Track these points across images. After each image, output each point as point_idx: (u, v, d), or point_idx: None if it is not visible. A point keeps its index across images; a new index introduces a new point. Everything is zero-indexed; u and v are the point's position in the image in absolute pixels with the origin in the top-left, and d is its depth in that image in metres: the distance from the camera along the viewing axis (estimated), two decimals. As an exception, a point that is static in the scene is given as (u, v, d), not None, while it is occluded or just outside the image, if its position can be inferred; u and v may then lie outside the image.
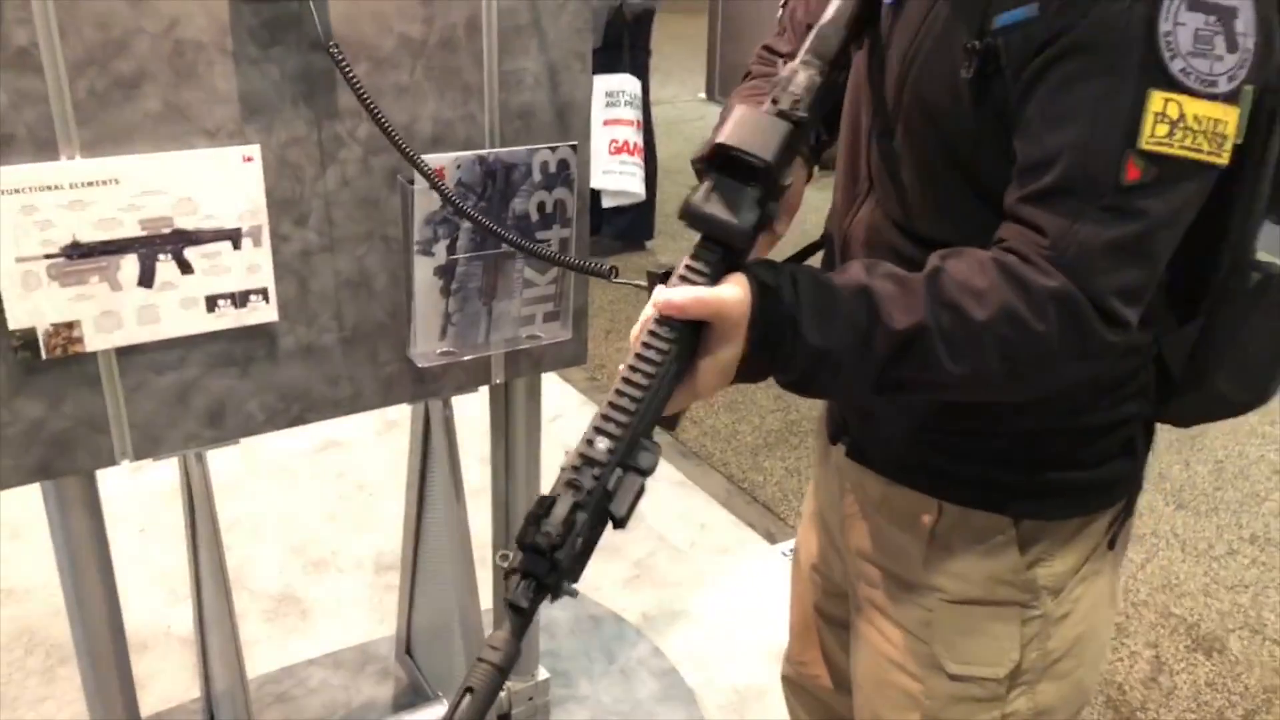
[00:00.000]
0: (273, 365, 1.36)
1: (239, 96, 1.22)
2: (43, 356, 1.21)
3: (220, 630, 1.52)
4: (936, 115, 0.91)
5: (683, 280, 0.82)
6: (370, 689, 1.95)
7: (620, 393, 0.79)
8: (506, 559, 0.75)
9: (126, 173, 1.19)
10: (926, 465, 1.04)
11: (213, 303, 1.29)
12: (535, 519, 0.75)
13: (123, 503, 2.44)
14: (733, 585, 2.38)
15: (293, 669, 1.99)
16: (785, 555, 2.53)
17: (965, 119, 0.88)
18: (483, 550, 1.75)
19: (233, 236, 1.27)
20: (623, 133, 3.35)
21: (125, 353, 1.26)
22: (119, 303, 1.23)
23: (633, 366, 0.80)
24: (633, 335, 0.83)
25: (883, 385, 0.86)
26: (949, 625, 1.05)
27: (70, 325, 1.21)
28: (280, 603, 2.30)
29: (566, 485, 0.76)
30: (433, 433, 1.64)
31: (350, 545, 2.52)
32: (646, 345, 0.80)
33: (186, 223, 1.24)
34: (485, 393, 1.63)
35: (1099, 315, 0.82)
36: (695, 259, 0.83)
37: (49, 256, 1.18)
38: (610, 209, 3.49)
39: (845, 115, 1.07)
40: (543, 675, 1.91)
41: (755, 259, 0.86)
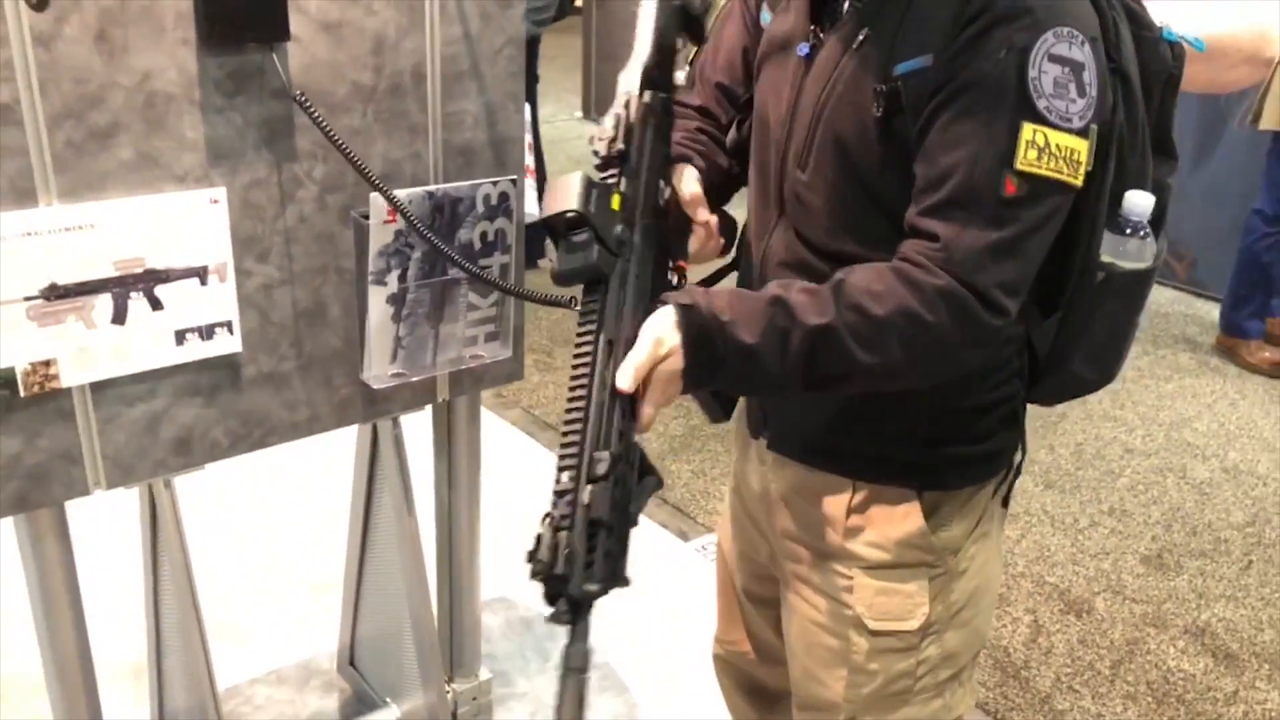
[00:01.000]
0: (236, 393, 1.44)
1: (206, 143, 1.30)
2: (20, 394, 1.26)
3: (185, 652, 1.57)
4: (846, 148, 1.08)
5: (582, 317, 1.02)
6: (316, 701, 2.02)
7: (565, 431, 0.97)
8: (546, 597, 0.92)
9: (101, 218, 1.25)
10: (839, 450, 1.20)
11: (181, 336, 1.36)
12: (530, 555, 0.90)
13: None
14: (652, 581, 2.53)
15: (237, 688, 2.04)
16: (698, 551, 2.69)
17: (872, 151, 1.06)
18: (429, 560, 1.84)
19: (200, 273, 1.35)
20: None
21: (98, 387, 1.32)
22: (94, 340, 1.29)
23: (568, 408, 0.98)
24: None
25: (809, 381, 1.02)
26: (868, 588, 1.21)
27: (47, 363, 1.27)
28: (218, 626, 2.32)
29: (544, 519, 0.93)
30: (381, 450, 1.73)
31: (283, 569, 2.56)
32: (572, 398, 0.99)
33: (157, 262, 1.31)
34: (425, 412, 1.73)
35: (983, 306, 1.00)
36: (584, 305, 1.04)
37: (28, 299, 1.24)
38: None
39: (754, 154, 1.23)
40: (484, 676, 2.02)
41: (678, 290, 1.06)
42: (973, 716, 2.23)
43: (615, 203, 1.06)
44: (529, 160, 3.57)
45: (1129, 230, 1.06)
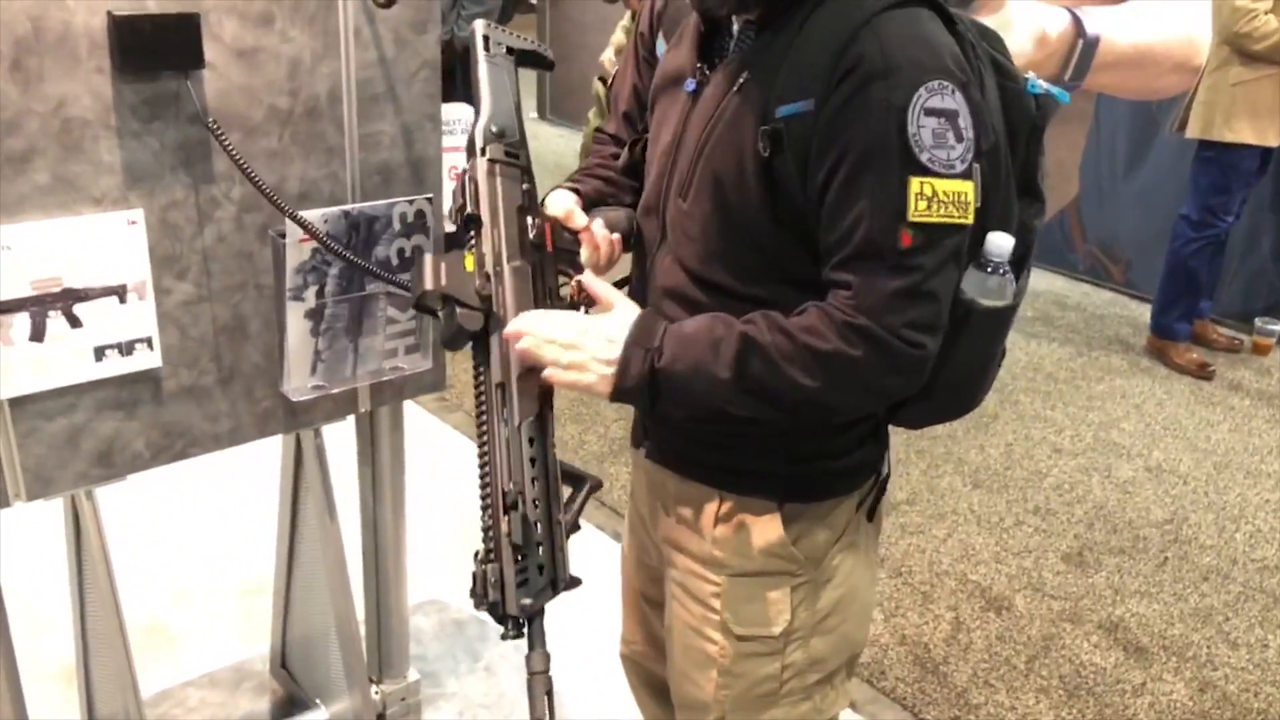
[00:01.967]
0: (158, 406, 1.48)
1: (123, 167, 1.35)
2: (-61, 410, 1.30)
3: (111, 658, 1.61)
4: (723, 184, 1.15)
5: (475, 369, 1.14)
6: (248, 703, 2.06)
7: (480, 477, 1.08)
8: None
9: (18, 240, 1.29)
10: (707, 462, 1.27)
11: (100, 352, 1.40)
12: (470, 591, 1.04)
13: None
14: (586, 582, 2.58)
15: (169, 692, 2.07)
16: (632, 552, 2.76)
17: (748, 188, 1.13)
18: (353, 567, 1.89)
19: (119, 292, 1.39)
20: (459, 159, 3.50)
21: (17, 402, 1.36)
22: (12, 357, 1.33)
23: (479, 455, 1.11)
24: None
25: (741, 382, 1.09)
26: (734, 595, 1.28)
27: (-35, 380, 1.31)
28: (148, 632, 2.37)
29: (474, 559, 1.05)
30: (305, 460, 1.78)
31: (212, 573, 2.59)
32: (480, 444, 1.11)
33: (75, 282, 1.35)
34: (350, 421, 1.78)
35: (899, 341, 1.08)
36: (473, 359, 1.15)
37: (-55, 318, 1.27)
38: None
39: (650, 179, 1.29)
40: (413, 676, 2.07)
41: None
42: (890, 711, 2.31)
43: (469, 263, 1.15)
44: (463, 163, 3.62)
45: (990, 269, 1.13)
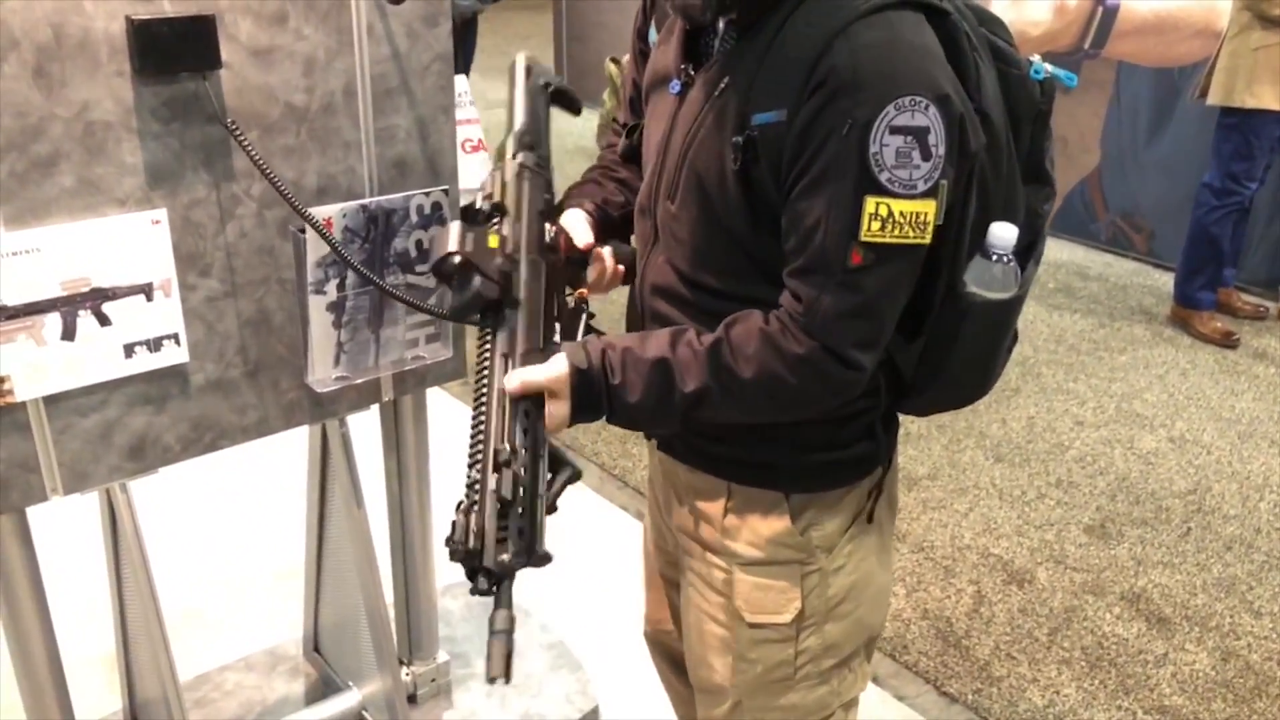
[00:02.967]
0: (186, 400, 1.52)
1: (145, 167, 1.38)
2: (-24, 409, 1.34)
3: (149, 644, 1.66)
4: (706, 187, 1.15)
5: (478, 358, 1.14)
6: (283, 686, 2.11)
7: (471, 438, 1.07)
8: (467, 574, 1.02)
9: (46, 242, 1.33)
10: (716, 455, 1.29)
11: (130, 349, 1.44)
12: (447, 540, 1.01)
13: None
14: (609, 563, 2.63)
15: (206, 675, 2.13)
16: (656, 532, 2.79)
17: (729, 194, 1.13)
18: (382, 552, 1.93)
19: (145, 290, 1.43)
20: (472, 131, 3.53)
21: (52, 400, 1.40)
22: (44, 356, 1.37)
23: (472, 420, 1.09)
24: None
25: (688, 422, 1.16)
26: (745, 583, 1.30)
27: (1, 379, 1.35)
28: (184, 618, 2.42)
29: (456, 509, 1.03)
30: (331, 449, 1.81)
31: (245, 559, 2.65)
32: (475, 409, 1.11)
33: (103, 281, 1.39)
34: (375, 410, 1.82)
35: (840, 363, 1.10)
36: (480, 328, 1.16)
37: (-20, 320, 1.31)
38: None
39: (644, 181, 1.31)
40: (442, 658, 2.12)
41: (571, 342, 1.16)
42: (913, 685, 2.34)
43: (493, 241, 1.17)
44: (481, 134, 3.62)
45: (994, 258, 1.13)
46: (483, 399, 1.08)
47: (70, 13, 1.26)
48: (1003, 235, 1.12)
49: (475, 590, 1.00)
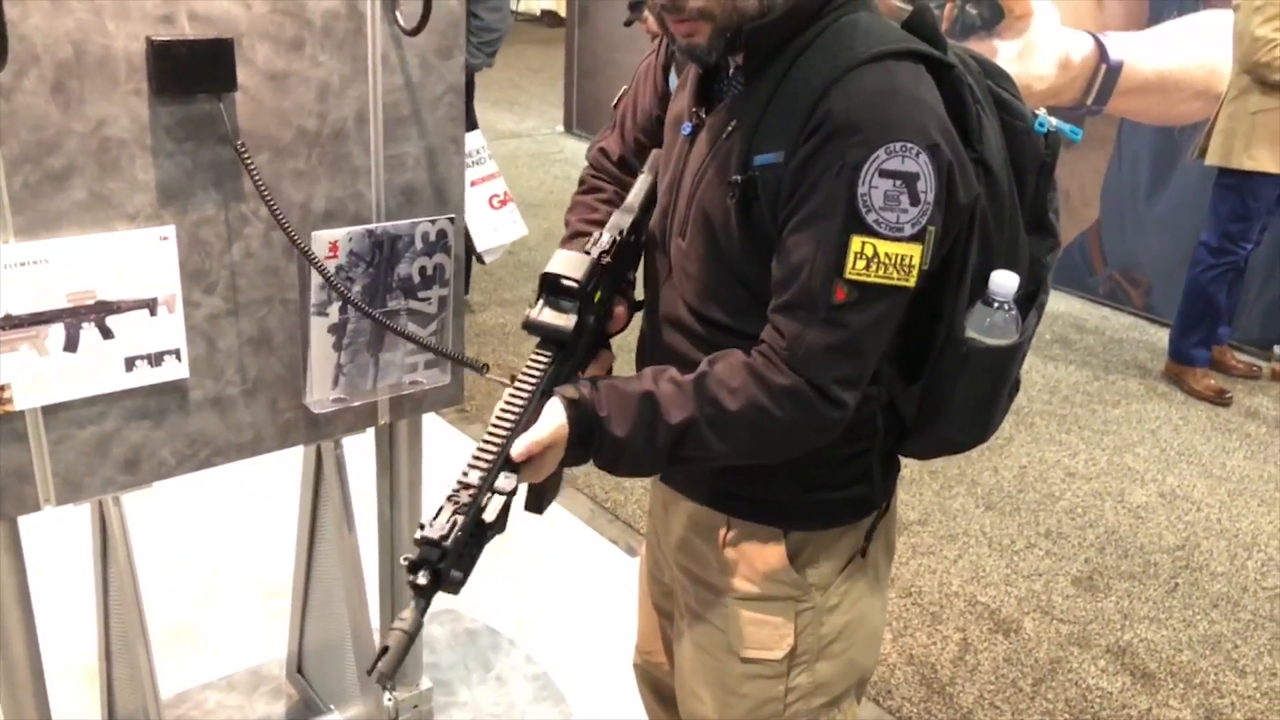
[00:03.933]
0: (184, 416, 1.53)
1: (156, 184, 1.40)
2: (-25, 416, 1.35)
3: (131, 659, 1.66)
4: (713, 228, 1.18)
5: (524, 373, 1.16)
6: (264, 707, 2.10)
7: (486, 439, 1.10)
8: (408, 560, 1.02)
9: (55, 254, 1.35)
10: (717, 488, 1.30)
11: (131, 363, 1.45)
12: (426, 525, 1.02)
13: None
14: (597, 596, 2.63)
15: (188, 694, 2.12)
16: (644, 566, 2.79)
17: (733, 234, 1.16)
18: (371, 576, 1.94)
19: (149, 305, 1.44)
20: (496, 186, 3.53)
21: (50, 410, 1.41)
22: (46, 366, 1.38)
23: (494, 425, 1.12)
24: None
25: (674, 464, 1.17)
26: (739, 618, 1.30)
27: (1, 387, 1.36)
28: (170, 634, 2.41)
29: (447, 499, 1.05)
30: (324, 470, 1.82)
31: (233, 576, 2.65)
32: (501, 417, 1.13)
33: (108, 294, 1.40)
34: (370, 433, 1.82)
35: (823, 399, 1.11)
36: (533, 357, 1.17)
37: (-16, 328, 1.33)
38: None
39: (655, 216, 1.34)
40: (425, 685, 2.11)
41: (567, 384, 1.17)
42: (896, 730, 2.33)
43: (597, 297, 1.22)
44: (505, 186, 3.62)
45: (995, 305, 1.15)
46: (515, 412, 1.11)
47: (92, 31, 1.29)
48: (1003, 283, 1.14)
49: (414, 583, 1.01)
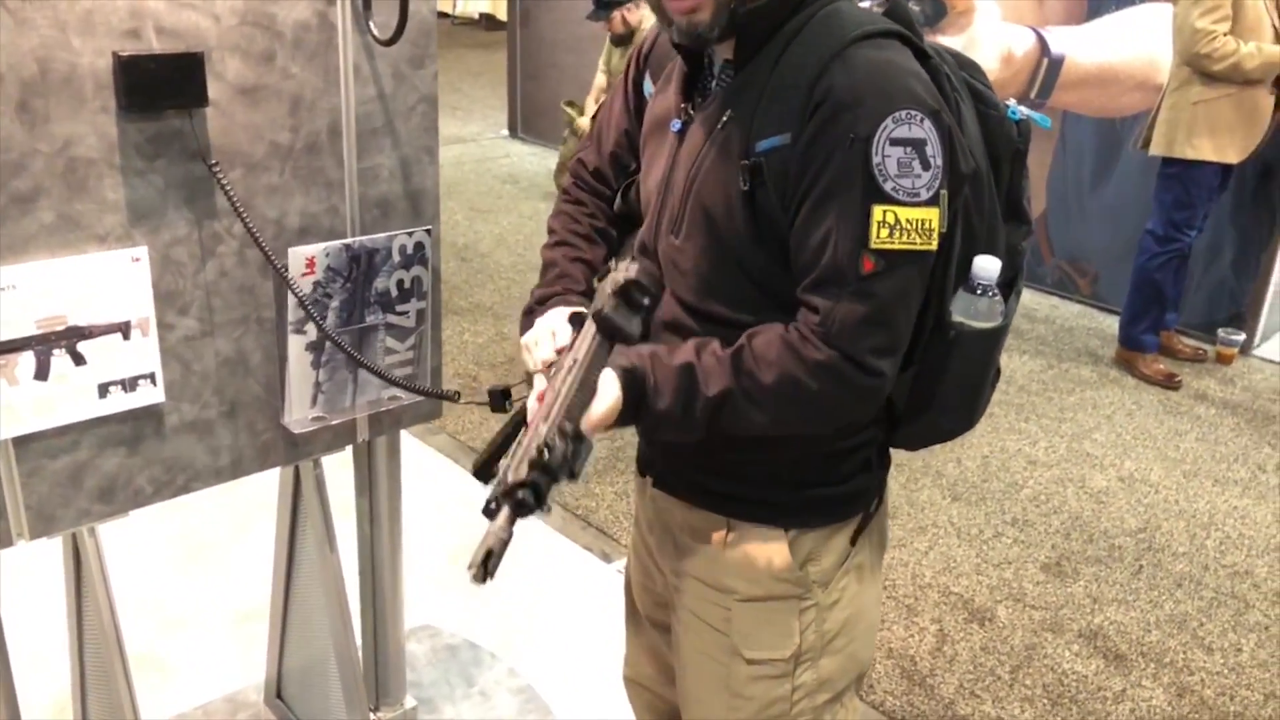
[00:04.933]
0: (160, 441, 1.48)
1: (127, 204, 1.35)
2: (-56, 450, 1.30)
3: (110, 692, 1.61)
4: (714, 219, 1.18)
5: (585, 357, 1.16)
6: (244, 735, 2.05)
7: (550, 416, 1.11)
8: (494, 499, 1.05)
9: (23, 279, 1.30)
10: (715, 491, 1.30)
11: (104, 389, 1.41)
12: (539, 457, 1.04)
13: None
14: (574, 603, 2.60)
15: (164, 725, 2.07)
16: (619, 573, 2.77)
17: (736, 222, 1.16)
18: (352, 596, 1.90)
19: (122, 329, 1.40)
20: None
21: (21, 441, 1.36)
22: (16, 396, 1.33)
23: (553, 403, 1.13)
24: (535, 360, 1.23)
25: (714, 433, 1.17)
26: (743, 619, 1.30)
27: (-30, 420, 1.31)
28: (139, 663, 2.34)
29: (548, 429, 1.07)
30: (304, 490, 1.78)
31: (203, 600, 2.58)
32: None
33: (79, 319, 1.36)
34: (347, 451, 1.79)
35: (860, 370, 1.12)
36: (593, 343, 1.17)
37: (-49, 359, 1.27)
38: None
39: (645, 221, 1.32)
40: (410, 704, 2.08)
41: (621, 351, 1.17)
42: (880, 725, 2.35)
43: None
44: None
45: (979, 291, 1.17)
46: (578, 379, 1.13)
47: (57, 48, 1.24)
48: (987, 268, 1.17)
49: (520, 498, 1.03)
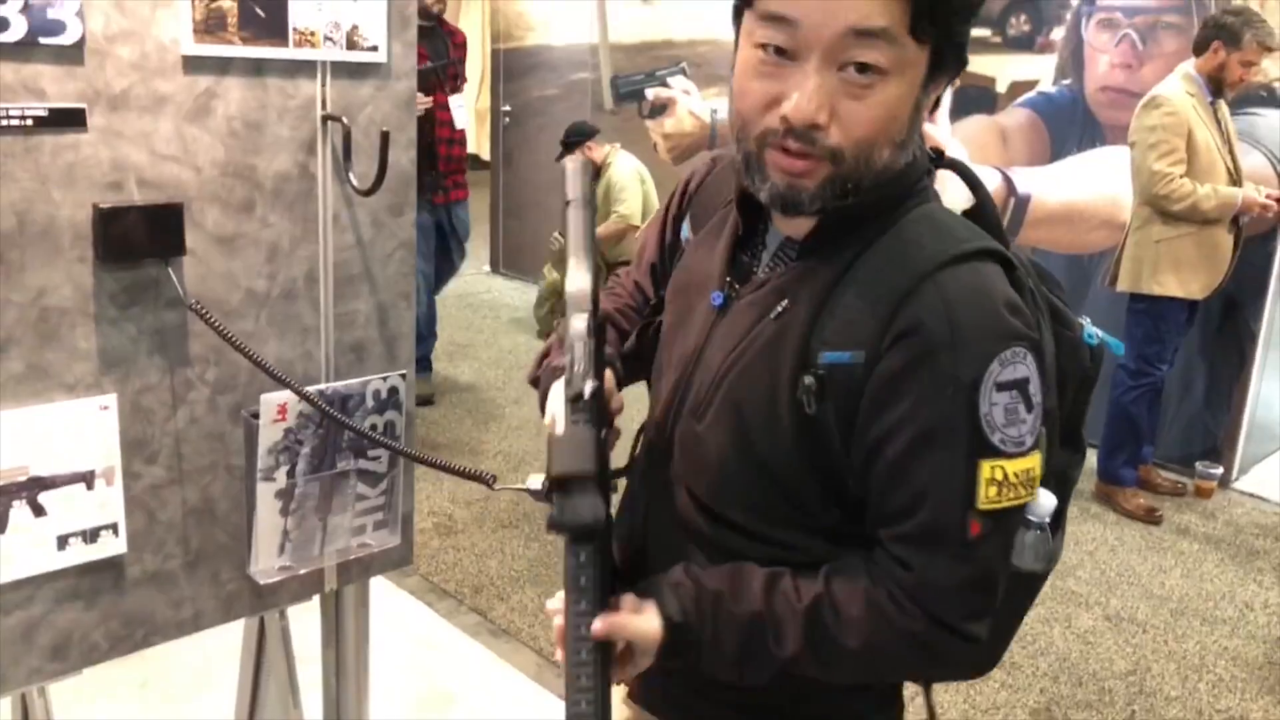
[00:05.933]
0: (119, 595, 1.43)
1: (98, 352, 1.34)
2: (-110, 608, 1.25)
3: None
4: (746, 417, 1.03)
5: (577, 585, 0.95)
6: None
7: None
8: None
9: (-13, 429, 1.27)
10: (698, 713, 1.16)
11: (64, 541, 1.36)
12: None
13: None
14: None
15: None
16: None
17: (778, 428, 1.01)
18: (315, 750, 1.81)
19: (87, 478, 1.36)
20: None
21: (-27, 596, 1.31)
22: (-29, 549, 1.29)
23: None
24: None
25: (772, 681, 1.04)
26: None
27: (-79, 575, 1.26)
28: (85, 826, 2.22)
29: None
30: (268, 642, 1.72)
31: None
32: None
33: (42, 470, 1.32)
34: (314, 599, 1.73)
35: (957, 638, 0.99)
36: (578, 560, 0.95)
37: (-95, 512, 1.24)
38: None
39: (661, 388, 1.16)
40: None
41: (666, 582, 1.04)
42: None
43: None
44: None
45: (1028, 526, 1.04)
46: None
47: (37, 200, 1.25)
48: (1044, 503, 1.04)
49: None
